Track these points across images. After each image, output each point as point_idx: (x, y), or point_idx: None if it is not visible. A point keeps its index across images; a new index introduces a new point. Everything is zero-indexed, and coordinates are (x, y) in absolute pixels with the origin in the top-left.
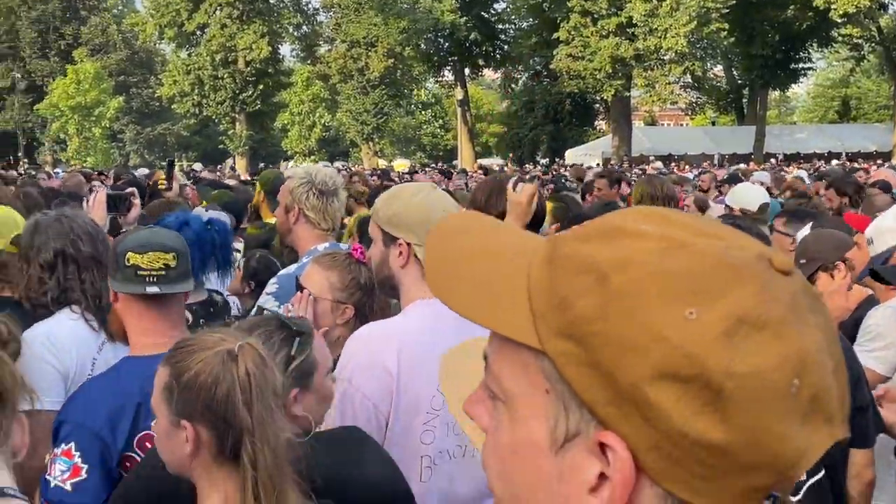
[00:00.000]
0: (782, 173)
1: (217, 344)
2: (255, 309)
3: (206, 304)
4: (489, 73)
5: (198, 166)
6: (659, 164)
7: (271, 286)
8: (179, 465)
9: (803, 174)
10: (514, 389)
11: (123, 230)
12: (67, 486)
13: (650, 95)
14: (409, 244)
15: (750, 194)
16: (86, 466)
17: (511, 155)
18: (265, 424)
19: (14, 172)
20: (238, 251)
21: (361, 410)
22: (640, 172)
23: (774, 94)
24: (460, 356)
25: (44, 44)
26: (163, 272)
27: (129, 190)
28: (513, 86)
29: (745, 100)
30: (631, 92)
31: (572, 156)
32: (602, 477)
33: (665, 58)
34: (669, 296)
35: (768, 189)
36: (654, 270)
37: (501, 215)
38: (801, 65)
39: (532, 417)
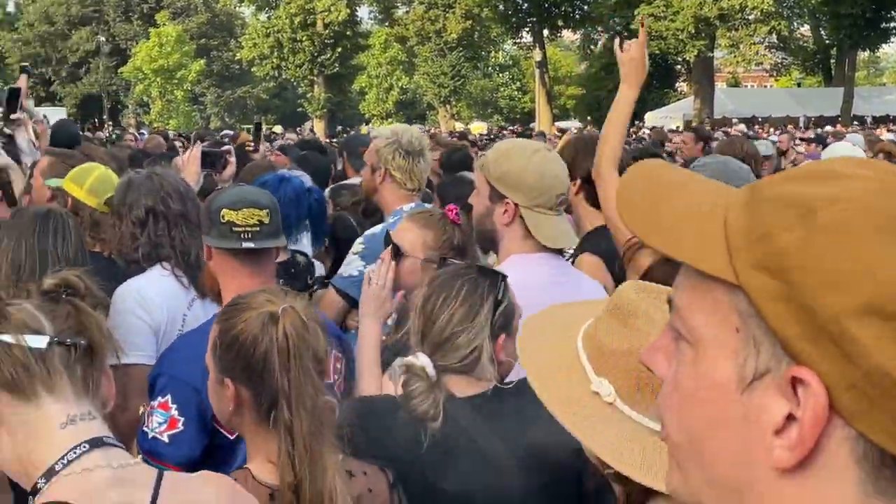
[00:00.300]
0: (874, 136)
1: (262, 305)
2: (345, 267)
3: (288, 264)
4: (568, 35)
5: (278, 129)
6: (742, 126)
7: (358, 246)
8: (227, 421)
9: (893, 137)
10: (703, 329)
11: (219, 188)
12: (165, 438)
13: (734, 56)
14: (516, 204)
15: (848, 154)
16: (182, 419)
17: (589, 118)
18: (302, 389)
19: (101, 134)
20: None
21: None
22: (723, 135)
23: (863, 55)
24: (545, 319)
25: (127, 7)
26: (257, 228)
27: (225, 148)
28: (592, 47)
29: (832, 60)
30: (714, 53)
31: (652, 118)
32: (790, 418)
33: (750, 17)
34: (881, 232)
35: None
36: (867, 207)
37: (588, 176)
38: (892, 24)
39: (719, 357)
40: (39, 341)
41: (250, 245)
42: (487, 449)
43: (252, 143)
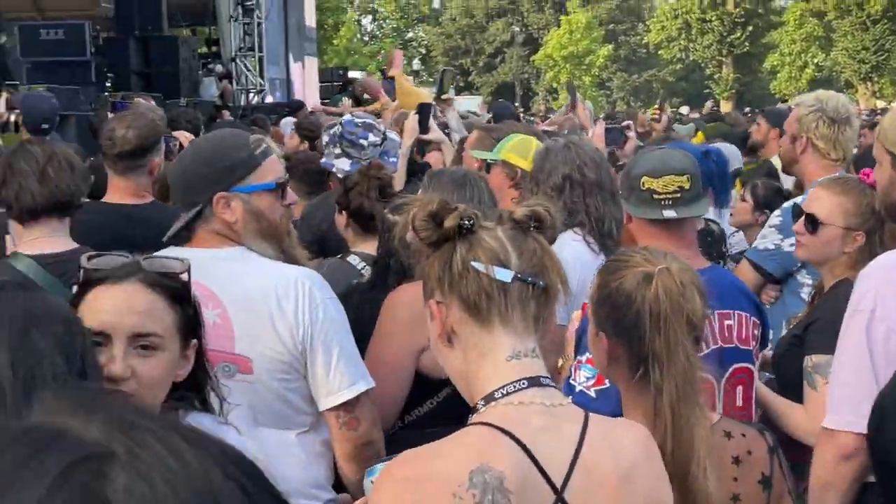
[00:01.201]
0: None
1: (639, 264)
2: (760, 240)
3: (703, 233)
4: None
5: (684, 109)
6: None
7: (775, 219)
8: (603, 372)
9: None
10: None
11: (620, 163)
12: (592, 393)
13: None
14: None
15: None
16: None
17: None
18: (672, 354)
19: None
20: None
21: (885, 343)
22: None
23: None
24: None
25: None
26: (678, 195)
27: (625, 123)
28: None
29: None
30: None
31: None
32: None
33: None
34: None
35: None
36: None
37: None
38: None
39: None
40: (505, 275)
41: (672, 214)
42: None
43: (658, 113)
